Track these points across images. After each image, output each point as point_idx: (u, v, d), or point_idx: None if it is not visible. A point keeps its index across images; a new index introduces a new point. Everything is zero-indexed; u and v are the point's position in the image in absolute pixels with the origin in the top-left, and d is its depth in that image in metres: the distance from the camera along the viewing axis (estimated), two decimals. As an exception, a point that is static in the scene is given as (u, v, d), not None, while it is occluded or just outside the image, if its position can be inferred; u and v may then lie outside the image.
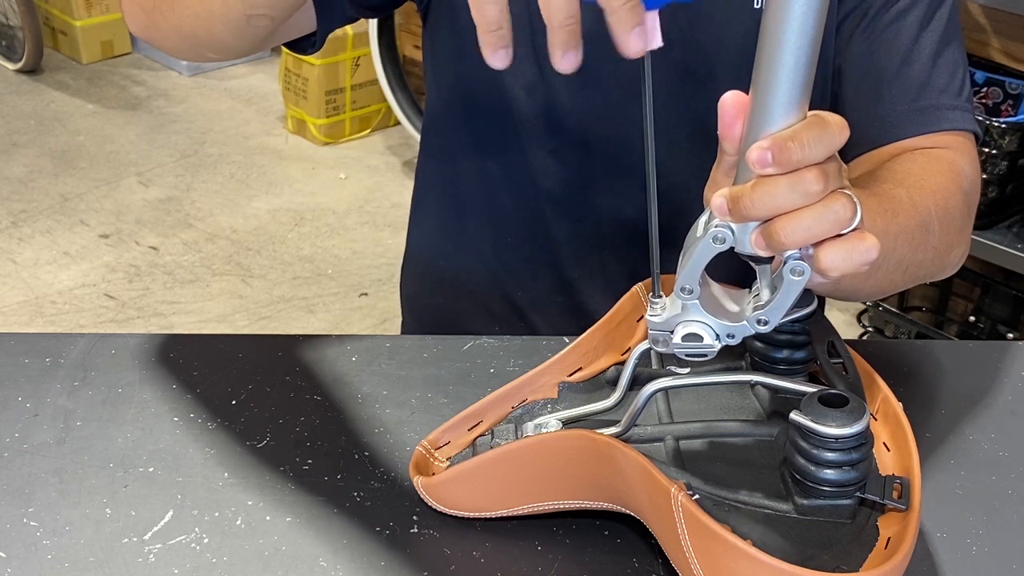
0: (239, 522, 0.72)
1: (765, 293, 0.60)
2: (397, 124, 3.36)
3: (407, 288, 1.16)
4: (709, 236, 0.57)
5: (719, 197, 0.56)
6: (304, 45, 0.90)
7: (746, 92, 0.57)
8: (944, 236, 0.82)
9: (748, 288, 0.62)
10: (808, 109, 0.55)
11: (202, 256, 2.75)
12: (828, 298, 1.02)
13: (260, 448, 0.78)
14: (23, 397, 0.82)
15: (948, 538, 0.73)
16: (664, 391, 0.72)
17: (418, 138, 1.09)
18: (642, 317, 0.78)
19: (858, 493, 0.62)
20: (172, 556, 0.69)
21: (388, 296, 2.63)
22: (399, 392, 0.84)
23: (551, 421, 0.72)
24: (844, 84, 0.92)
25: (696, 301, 0.60)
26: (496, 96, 0.95)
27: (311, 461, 0.77)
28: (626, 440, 0.68)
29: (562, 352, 0.77)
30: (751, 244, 0.56)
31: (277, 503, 0.73)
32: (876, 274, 0.77)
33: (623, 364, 0.73)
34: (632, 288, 0.79)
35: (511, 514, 0.71)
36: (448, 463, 0.74)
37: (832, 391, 0.63)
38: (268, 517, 0.72)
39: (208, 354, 0.88)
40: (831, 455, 0.61)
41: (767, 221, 0.55)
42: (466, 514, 0.72)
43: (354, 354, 0.88)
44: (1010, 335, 2.23)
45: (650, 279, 0.63)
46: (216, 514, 0.72)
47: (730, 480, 0.66)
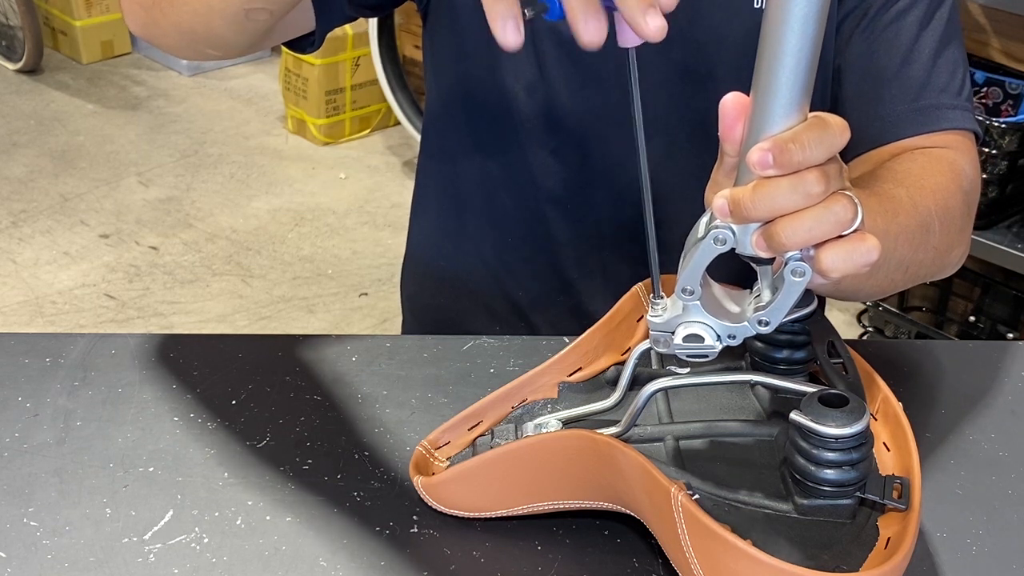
0: (239, 522, 0.72)
1: (766, 294, 0.60)
2: (397, 124, 3.36)
3: (407, 288, 1.16)
4: (710, 237, 0.57)
5: (720, 198, 0.56)
6: (303, 44, 0.89)
7: (746, 92, 0.57)
8: (944, 236, 0.82)
9: (749, 289, 0.62)
10: (809, 110, 0.55)
11: (202, 256, 2.75)
12: (828, 298, 1.02)
13: (260, 448, 0.78)
14: (23, 397, 0.82)
15: (948, 538, 0.73)
16: (664, 391, 0.72)
17: (418, 138, 1.09)
18: (642, 317, 0.78)
19: (858, 493, 0.62)
20: (172, 556, 0.69)
21: (388, 296, 2.63)
22: (399, 392, 0.84)
23: (551, 421, 0.72)
24: (844, 84, 0.92)
25: (697, 302, 0.60)
26: (496, 96, 0.95)
27: (311, 461, 0.77)
28: (626, 440, 0.68)
29: (562, 352, 0.77)
30: (752, 245, 0.56)
31: (277, 503, 0.73)
32: (877, 274, 0.77)
33: (623, 364, 0.73)
34: (632, 288, 0.79)
35: (511, 514, 0.71)
36: (448, 463, 0.74)
37: (832, 391, 0.63)
38: (268, 517, 0.72)
39: (208, 354, 0.88)
40: (831, 455, 0.61)
41: (768, 222, 0.55)
42: (466, 514, 0.72)
43: (354, 354, 0.88)
44: (1010, 335, 2.23)
45: (650, 279, 0.63)
46: (216, 514, 0.72)
47: (730, 480, 0.66)
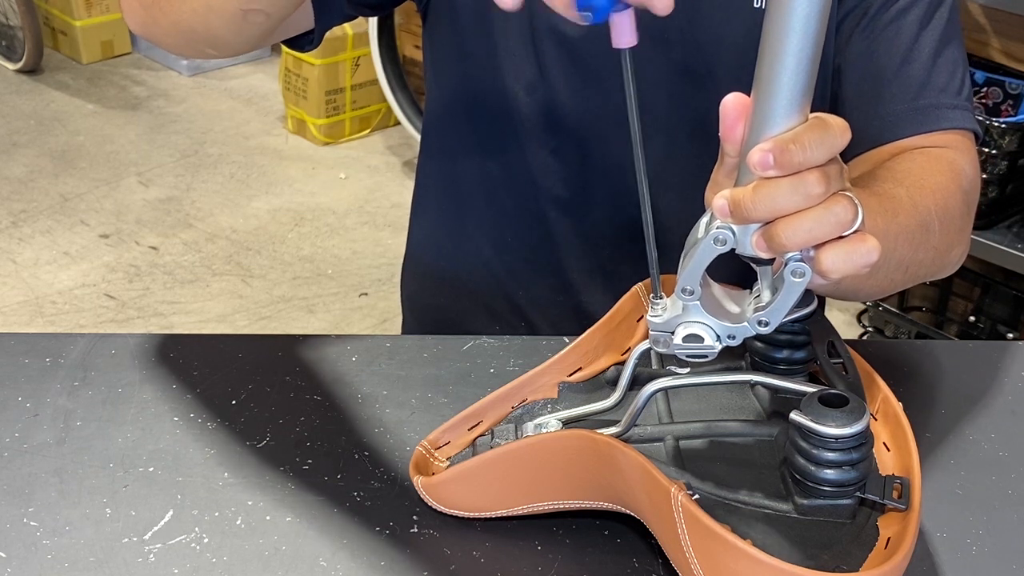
0: (239, 522, 0.72)
1: (766, 294, 0.60)
2: (397, 124, 3.36)
3: (407, 288, 1.16)
4: (710, 237, 0.57)
5: (720, 199, 0.56)
6: (302, 42, 0.89)
7: (746, 91, 0.57)
8: (944, 235, 0.82)
9: (749, 289, 0.62)
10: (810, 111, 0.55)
11: (202, 256, 2.75)
12: (828, 298, 1.02)
13: (260, 448, 0.78)
14: (23, 397, 0.82)
15: (948, 538, 0.73)
16: (664, 391, 0.72)
17: (418, 138, 1.09)
18: (642, 317, 0.78)
19: (858, 493, 0.62)
20: (172, 556, 0.69)
21: (388, 296, 2.63)
22: (399, 392, 0.84)
23: (551, 421, 0.72)
24: (844, 83, 0.92)
25: (697, 302, 0.60)
26: (496, 95, 0.95)
27: (311, 461, 0.77)
28: (626, 440, 0.68)
29: (562, 352, 0.77)
30: (752, 246, 0.57)
31: (277, 503, 0.73)
32: (876, 274, 0.77)
33: (623, 364, 0.73)
34: (632, 288, 0.79)
35: (511, 514, 0.71)
36: (448, 463, 0.74)
37: (832, 391, 0.63)
38: (268, 517, 0.72)
39: (208, 354, 0.88)
40: (831, 455, 0.61)
41: (768, 223, 0.55)
42: (466, 514, 0.72)
43: (354, 354, 0.88)
44: (1010, 335, 2.23)
45: (650, 279, 0.63)
46: (216, 514, 0.72)
47: (730, 480, 0.66)
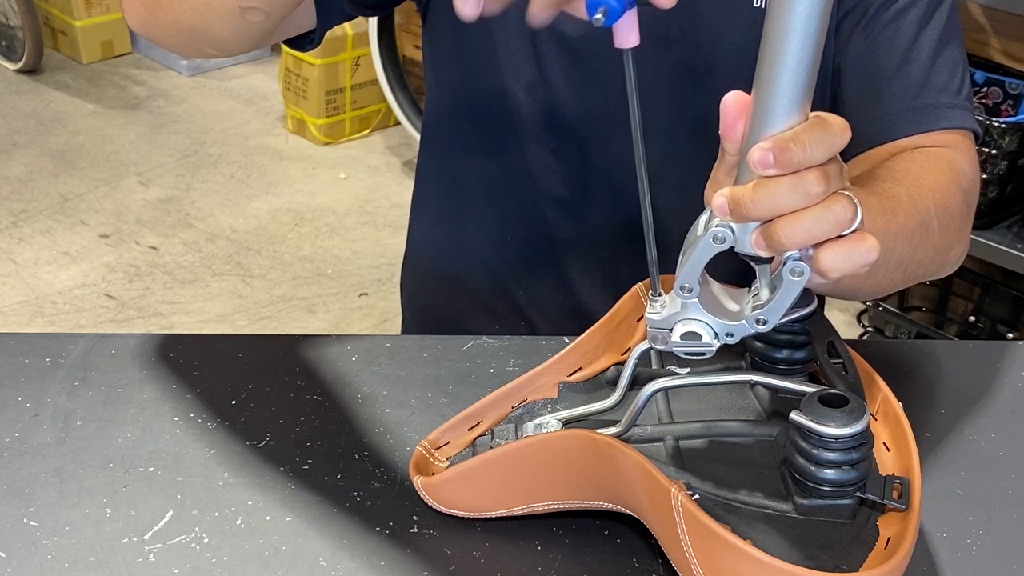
0: (239, 522, 0.72)
1: (764, 293, 0.60)
2: (397, 124, 3.36)
3: (407, 288, 1.16)
4: (709, 235, 0.57)
5: (720, 197, 0.56)
6: (303, 42, 0.89)
7: (746, 91, 0.57)
8: (943, 235, 0.82)
9: (747, 287, 0.62)
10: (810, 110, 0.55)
11: (202, 256, 2.75)
12: (827, 297, 1.02)
13: (260, 448, 0.78)
14: (23, 397, 0.82)
15: (948, 538, 0.73)
16: (664, 391, 0.72)
17: (418, 138, 1.09)
18: (642, 317, 0.78)
19: (858, 493, 0.62)
20: (172, 556, 0.69)
21: (388, 296, 2.63)
22: (399, 392, 0.84)
23: (551, 421, 0.72)
24: (843, 83, 0.92)
25: (695, 300, 0.60)
26: (496, 95, 0.95)
27: (311, 461, 0.77)
28: (626, 440, 0.68)
29: (562, 352, 0.76)
30: (751, 244, 0.56)
31: (277, 503, 0.73)
32: (876, 274, 0.77)
33: (623, 364, 0.73)
34: (632, 288, 0.79)
35: (511, 514, 0.71)
36: (448, 463, 0.74)
37: (832, 391, 0.63)
38: (268, 517, 0.72)
39: (208, 354, 0.88)
40: (831, 455, 0.61)
41: (768, 221, 0.55)
42: (466, 514, 0.72)
43: (354, 354, 0.88)
44: (1010, 335, 2.23)
45: (650, 278, 0.63)
46: (216, 514, 0.72)
47: (730, 480, 0.66)
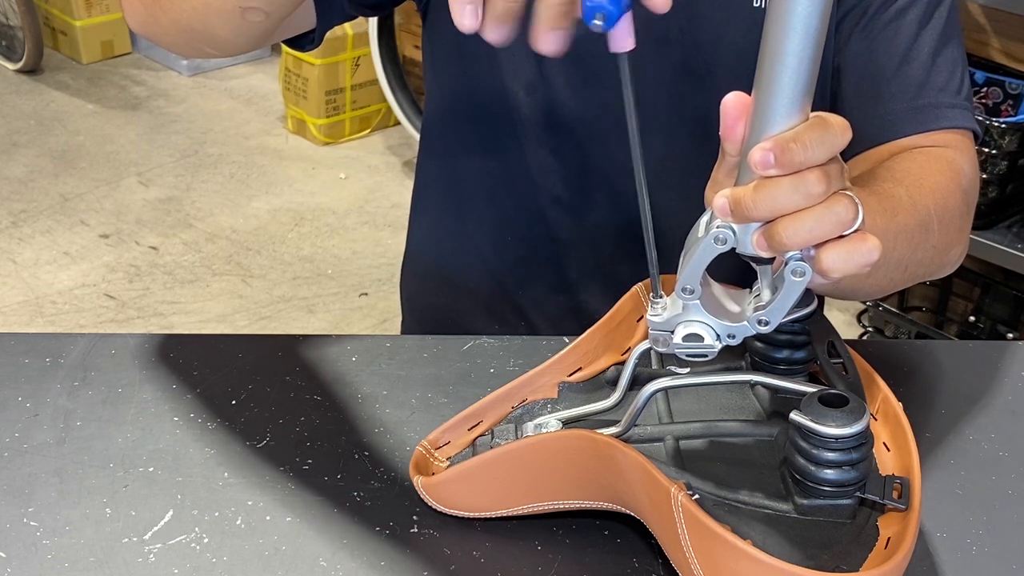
0: (239, 522, 0.72)
1: (766, 294, 0.60)
2: (397, 124, 3.36)
3: (407, 288, 1.16)
4: (710, 236, 0.57)
5: (721, 198, 0.56)
6: (303, 42, 0.90)
7: (746, 90, 0.57)
8: (943, 235, 0.82)
9: (749, 288, 0.62)
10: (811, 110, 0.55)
11: (202, 256, 2.75)
12: (827, 297, 1.02)
13: (260, 448, 0.78)
14: (23, 397, 0.82)
15: (948, 538, 0.73)
16: (664, 391, 0.72)
17: (418, 138, 1.09)
18: (642, 317, 0.78)
19: (858, 493, 0.62)
20: (172, 556, 0.69)
21: (388, 296, 2.63)
22: (399, 392, 0.84)
23: (551, 421, 0.72)
24: (843, 83, 0.92)
25: (697, 301, 0.60)
26: (496, 95, 0.95)
27: (311, 461, 0.77)
28: (626, 440, 0.68)
29: (562, 352, 0.76)
30: (752, 245, 0.56)
31: (277, 503, 0.73)
32: (876, 274, 0.77)
33: (623, 364, 0.73)
34: (632, 288, 0.79)
35: (511, 514, 0.71)
36: (448, 463, 0.74)
37: (832, 391, 0.63)
38: (268, 517, 0.72)
39: (208, 354, 0.88)
40: (831, 455, 0.61)
41: (769, 222, 0.55)
42: (466, 514, 0.71)
43: (354, 354, 0.88)
44: (1010, 335, 2.23)
45: (650, 278, 0.63)
46: (216, 514, 0.72)
47: (730, 480, 0.66)
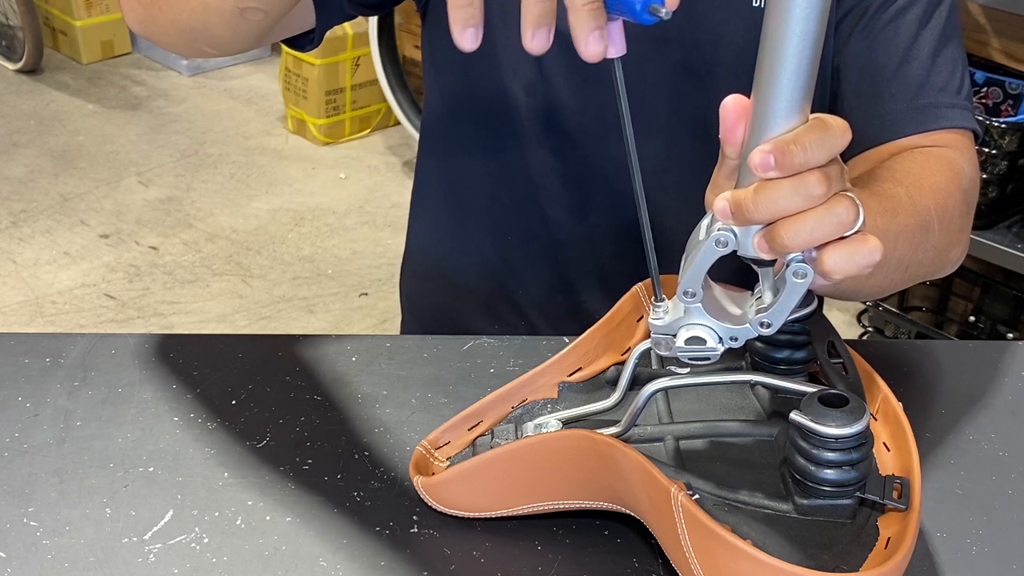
0: (239, 522, 0.72)
1: (768, 296, 0.60)
2: (397, 124, 3.36)
3: (407, 288, 1.16)
4: (711, 239, 0.57)
5: (721, 200, 0.56)
6: (302, 42, 0.90)
7: (746, 91, 0.57)
8: (944, 235, 0.82)
9: (750, 290, 0.62)
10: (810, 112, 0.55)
11: (202, 256, 2.75)
12: (827, 298, 1.02)
13: (260, 448, 0.78)
14: (23, 397, 0.82)
15: (948, 538, 0.73)
16: (664, 391, 0.72)
17: (418, 138, 1.09)
18: (642, 317, 0.79)
19: (858, 493, 0.62)
20: (172, 556, 0.69)
21: (388, 296, 2.63)
22: (399, 392, 0.84)
23: (551, 421, 0.72)
24: (843, 83, 0.92)
25: (699, 304, 0.60)
26: (496, 95, 0.95)
27: (311, 461, 0.77)
28: (626, 440, 0.68)
29: (562, 352, 0.77)
30: (754, 247, 0.56)
31: (277, 503, 0.73)
32: (876, 274, 0.77)
33: (623, 364, 0.73)
34: (632, 288, 0.79)
35: (511, 514, 0.71)
36: (448, 463, 0.74)
37: (832, 391, 0.63)
38: (268, 517, 0.72)
39: (208, 354, 0.88)
40: (831, 455, 0.61)
41: (770, 224, 0.55)
42: (466, 514, 0.72)
43: (354, 354, 0.88)
44: (1010, 335, 2.23)
45: (651, 279, 0.63)
46: (216, 514, 0.72)
47: (730, 480, 0.66)
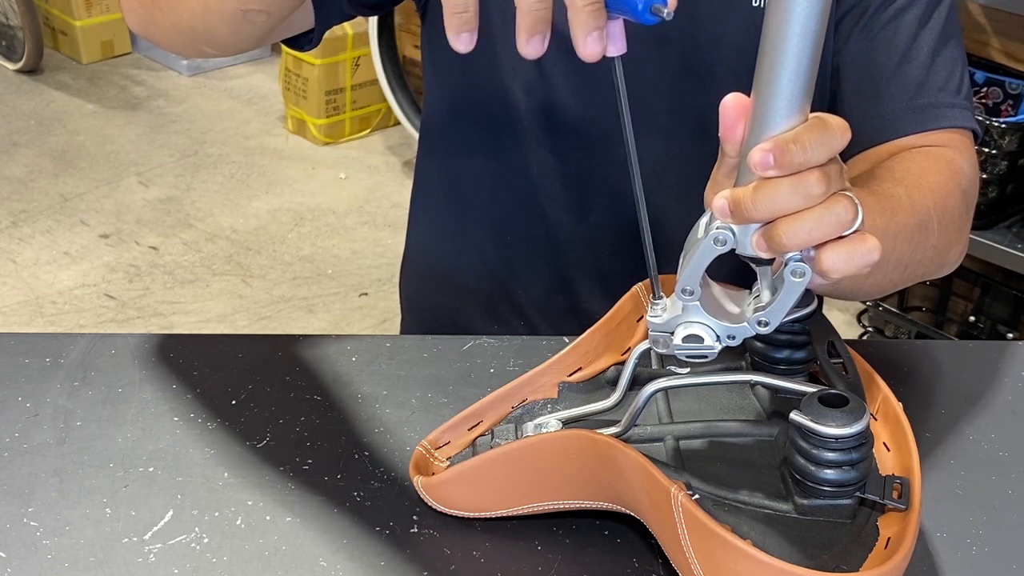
0: (239, 522, 0.72)
1: (766, 294, 0.60)
2: (397, 124, 3.36)
3: (407, 288, 1.16)
4: (710, 238, 0.57)
5: (720, 199, 0.56)
6: (301, 42, 0.90)
7: (746, 90, 0.57)
8: (943, 235, 0.82)
9: (748, 289, 0.62)
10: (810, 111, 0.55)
11: (202, 256, 2.75)
12: (827, 297, 1.02)
13: (260, 448, 0.78)
14: (23, 397, 0.82)
15: (948, 538, 0.73)
16: (664, 391, 0.72)
17: (418, 138, 1.09)
18: (642, 317, 0.79)
19: (858, 493, 0.62)
20: (172, 556, 0.69)
21: (388, 296, 2.63)
22: (399, 392, 0.84)
23: (551, 421, 0.72)
24: (842, 82, 0.92)
25: (697, 302, 0.60)
26: (496, 94, 0.95)
27: (311, 461, 0.77)
28: (626, 440, 0.68)
29: (562, 352, 0.77)
30: (752, 246, 0.56)
31: (277, 503, 0.73)
32: (875, 274, 0.77)
33: (623, 364, 0.73)
34: (632, 288, 0.79)
35: (511, 514, 0.71)
36: (448, 463, 0.74)
37: (832, 391, 0.63)
38: (268, 517, 0.72)
39: (208, 354, 0.88)
40: (831, 455, 0.61)
41: (768, 223, 0.55)
42: (466, 514, 0.72)
43: (354, 354, 0.88)
44: (1010, 335, 2.23)
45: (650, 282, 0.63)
46: (216, 514, 0.72)
47: (730, 480, 0.66)
